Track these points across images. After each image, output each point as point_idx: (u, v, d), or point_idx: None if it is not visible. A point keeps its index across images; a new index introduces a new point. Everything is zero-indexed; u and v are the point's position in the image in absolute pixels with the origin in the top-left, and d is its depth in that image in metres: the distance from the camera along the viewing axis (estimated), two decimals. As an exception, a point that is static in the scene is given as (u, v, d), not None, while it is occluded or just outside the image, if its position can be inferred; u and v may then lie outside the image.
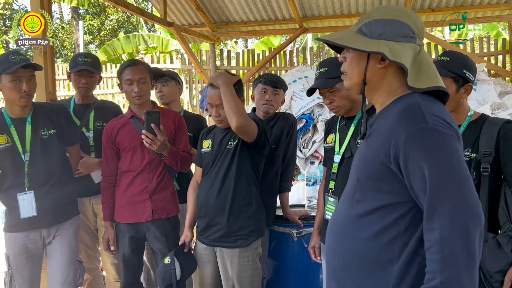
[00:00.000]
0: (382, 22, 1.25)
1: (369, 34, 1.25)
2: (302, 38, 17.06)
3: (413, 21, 1.26)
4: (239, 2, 6.50)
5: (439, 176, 1.09)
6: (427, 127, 1.11)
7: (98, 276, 3.11)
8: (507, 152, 1.80)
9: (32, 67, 2.41)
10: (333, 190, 2.14)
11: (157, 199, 2.57)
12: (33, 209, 2.42)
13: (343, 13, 6.61)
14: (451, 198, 1.08)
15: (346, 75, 1.32)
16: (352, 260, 1.27)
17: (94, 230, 2.98)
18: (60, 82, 8.76)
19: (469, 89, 1.91)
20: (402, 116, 1.15)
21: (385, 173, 1.19)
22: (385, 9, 1.29)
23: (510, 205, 1.80)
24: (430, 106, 1.16)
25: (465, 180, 1.10)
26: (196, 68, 7.28)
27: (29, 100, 2.44)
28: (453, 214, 1.06)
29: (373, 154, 1.21)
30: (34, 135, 2.47)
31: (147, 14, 5.91)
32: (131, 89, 2.52)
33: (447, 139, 1.11)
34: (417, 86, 1.21)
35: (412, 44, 1.24)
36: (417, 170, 1.11)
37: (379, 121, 1.26)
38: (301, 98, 5.55)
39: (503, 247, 1.78)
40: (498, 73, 6.60)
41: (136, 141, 2.55)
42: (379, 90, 1.28)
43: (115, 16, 18.59)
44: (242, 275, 2.32)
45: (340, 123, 2.26)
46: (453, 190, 1.08)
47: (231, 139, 2.37)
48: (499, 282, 1.79)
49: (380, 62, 1.24)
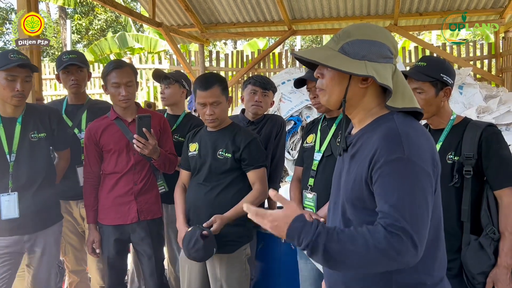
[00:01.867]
0: (365, 43, 1.27)
1: (353, 55, 1.27)
2: (292, 40, 17.14)
3: (391, 42, 1.30)
4: (228, 3, 6.51)
5: (401, 200, 1.14)
6: (403, 157, 1.15)
7: (85, 278, 3.08)
8: (489, 155, 1.83)
9: (29, 68, 2.37)
10: (312, 187, 2.19)
11: (142, 201, 2.55)
12: (16, 211, 2.36)
13: (332, 16, 6.66)
14: (402, 218, 1.12)
15: (325, 91, 1.33)
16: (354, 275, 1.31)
17: (82, 233, 2.95)
18: (47, 82, 8.67)
19: (448, 92, 1.94)
20: (383, 142, 1.19)
21: (368, 193, 1.23)
22: (365, 29, 1.31)
23: (492, 207, 1.83)
24: (409, 133, 1.20)
25: (420, 212, 1.14)
26: (184, 69, 7.26)
27: (21, 101, 2.39)
28: (390, 234, 1.11)
29: (358, 177, 1.25)
30: (23, 137, 2.42)
31: (135, 14, 5.88)
32: (118, 92, 2.48)
33: (417, 171, 1.16)
34: (394, 105, 1.26)
35: (390, 64, 1.29)
36: (381, 193, 1.17)
37: (362, 142, 1.29)
38: (290, 100, 5.57)
39: (485, 248, 1.81)
40: (484, 77, 6.71)
41: (121, 143, 2.53)
42: (357, 107, 1.32)
43: (103, 15, 18.46)
44: (230, 276, 2.33)
45: (322, 124, 2.32)
46: (409, 215, 1.12)
47: (224, 150, 2.34)
48: (481, 284, 1.82)
49: (363, 83, 1.28)
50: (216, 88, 2.29)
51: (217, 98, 2.29)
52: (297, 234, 1.16)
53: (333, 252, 1.13)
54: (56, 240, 2.58)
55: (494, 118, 4.68)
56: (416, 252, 1.11)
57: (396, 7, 6.14)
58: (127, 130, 2.53)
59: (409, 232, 1.10)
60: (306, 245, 1.15)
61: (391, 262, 1.11)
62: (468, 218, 1.85)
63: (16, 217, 2.36)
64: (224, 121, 2.40)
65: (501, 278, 1.78)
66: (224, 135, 2.37)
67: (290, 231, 1.17)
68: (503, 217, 1.80)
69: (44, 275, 2.52)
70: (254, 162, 2.34)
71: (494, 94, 5.33)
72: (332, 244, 1.13)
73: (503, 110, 4.73)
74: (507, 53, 6.52)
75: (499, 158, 1.83)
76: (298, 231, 1.16)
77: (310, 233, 1.14)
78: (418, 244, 1.11)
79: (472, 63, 6.75)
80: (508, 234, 1.79)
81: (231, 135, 2.36)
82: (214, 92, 2.28)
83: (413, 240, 1.10)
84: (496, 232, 1.81)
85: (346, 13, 6.59)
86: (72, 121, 2.87)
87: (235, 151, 2.32)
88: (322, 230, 1.15)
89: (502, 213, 1.81)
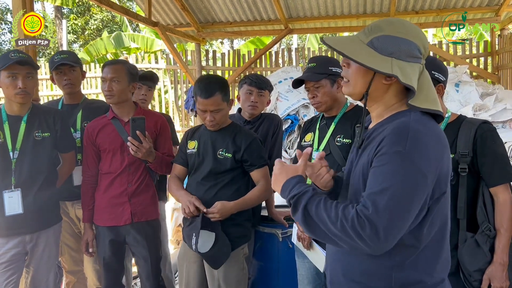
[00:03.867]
0: (394, 39, 1.25)
1: (380, 50, 1.25)
2: (289, 39, 17.14)
3: (422, 41, 1.28)
4: (225, 3, 6.49)
5: (383, 191, 1.13)
6: (402, 152, 1.15)
7: (82, 279, 3.07)
8: (484, 152, 1.83)
9: (28, 64, 2.39)
10: None
11: (137, 202, 2.54)
12: (20, 207, 2.39)
13: (328, 14, 6.66)
14: (374, 207, 1.12)
15: (349, 82, 1.33)
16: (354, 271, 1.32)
17: (78, 233, 2.95)
18: (43, 82, 8.63)
19: (441, 89, 1.95)
20: (390, 134, 1.20)
21: None
22: (398, 25, 1.28)
23: (488, 204, 1.84)
24: (418, 129, 1.19)
25: (399, 208, 1.13)
26: (181, 68, 7.25)
27: (26, 98, 2.41)
28: (370, 220, 1.11)
29: (364, 169, 1.25)
30: (27, 135, 2.45)
31: (131, 13, 5.86)
32: (103, 88, 2.50)
33: (411, 169, 1.14)
34: (416, 104, 1.25)
35: (418, 64, 1.27)
36: (370, 179, 1.19)
37: (375, 134, 1.28)
38: (287, 99, 5.57)
39: (481, 246, 1.81)
40: (480, 75, 6.72)
41: (116, 142, 2.53)
42: (378, 102, 1.32)
43: (99, 15, 18.40)
44: (228, 275, 2.33)
45: (321, 123, 2.32)
46: (383, 207, 1.11)
47: (224, 150, 2.34)
48: (478, 281, 1.83)
49: (387, 79, 1.26)
50: (218, 95, 2.26)
51: (218, 106, 2.28)
52: (290, 187, 1.25)
53: (309, 214, 1.19)
54: (56, 240, 2.60)
55: (491, 115, 4.68)
56: (378, 244, 1.11)
57: (392, 5, 6.14)
58: (123, 130, 2.53)
59: (375, 223, 1.10)
60: (291, 197, 1.23)
61: (352, 243, 1.14)
62: (464, 215, 1.85)
63: (20, 212, 2.39)
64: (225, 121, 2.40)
65: (497, 275, 1.79)
66: (225, 135, 2.37)
67: (287, 182, 1.27)
68: (499, 214, 1.81)
69: (43, 275, 2.53)
70: (256, 162, 2.35)
71: (490, 92, 5.34)
72: (311, 206, 1.19)
73: (499, 108, 4.74)
74: (503, 50, 6.54)
75: (494, 155, 1.84)
76: (293, 184, 1.25)
77: (299, 190, 1.22)
78: (383, 238, 1.10)
79: (468, 61, 6.77)
80: (503, 231, 1.80)
81: (231, 135, 2.36)
82: (215, 100, 2.26)
83: (377, 232, 1.09)
84: (492, 229, 1.82)
85: (342, 12, 6.58)
86: (67, 120, 2.87)
87: (236, 151, 2.32)
88: (309, 191, 1.22)
89: (498, 210, 1.82)
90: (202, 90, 2.27)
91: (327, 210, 1.16)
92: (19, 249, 2.44)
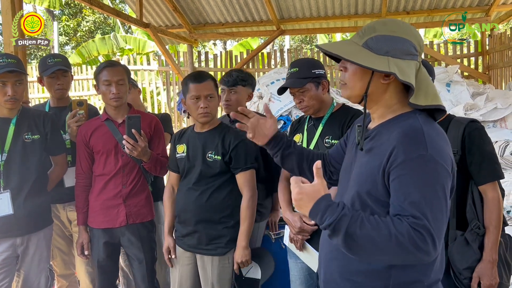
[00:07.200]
0: (389, 38, 1.26)
1: (376, 50, 1.26)
2: (281, 40, 17.16)
3: (416, 38, 1.29)
4: (216, 4, 6.50)
5: (423, 198, 1.14)
6: (425, 155, 1.16)
7: (74, 282, 3.05)
8: (472, 150, 1.84)
9: (18, 72, 2.37)
10: None
11: (131, 204, 2.53)
12: (10, 208, 2.37)
13: (320, 15, 6.68)
14: (424, 216, 1.13)
15: (347, 85, 1.33)
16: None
17: (69, 236, 2.93)
18: (34, 84, 8.57)
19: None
20: (405, 139, 1.20)
21: (382, 189, 1.23)
22: (391, 24, 1.30)
23: (477, 202, 1.85)
24: (431, 133, 1.21)
25: (440, 211, 1.15)
26: (173, 70, 7.24)
27: (15, 104, 2.41)
28: (411, 229, 1.12)
29: (373, 171, 1.25)
30: (16, 137, 2.44)
31: (122, 15, 5.85)
32: (109, 91, 2.46)
33: (439, 169, 1.17)
34: (417, 103, 1.25)
35: (415, 61, 1.28)
36: (401, 189, 1.17)
37: (381, 136, 1.29)
38: (279, 99, 5.57)
39: (471, 244, 1.82)
40: (471, 75, 6.77)
41: (110, 144, 2.51)
42: (378, 103, 1.32)
43: (91, 17, 18.32)
44: (222, 277, 2.32)
45: (309, 124, 2.31)
46: (430, 213, 1.13)
47: (213, 152, 2.31)
48: (468, 279, 1.84)
49: (385, 78, 1.27)
50: (210, 82, 2.30)
51: (211, 91, 2.28)
52: (321, 212, 1.17)
53: (352, 238, 1.13)
54: (47, 243, 2.58)
55: (482, 115, 4.71)
56: (434, 250, 1.12)
57: (383, 6, 6.18)
58: (117, 132, 2.51)
59: (431, 230, 1.11)
60: (328, 224, 1.15)
61: (408, 256, 1.12)
62: (453, 213, 1.86)
63: (11, 213, 2.37)
64: (214, 120, 2.38)
65: (487, 273, 1.80)
66: (214, 136, 2.34)
67: (315, 207, 1.18)
68: (488, 212, 1.82)
69: (34, 279, 2.51)
70: (241, 164, 2.30)
71: (481, 91, 5.37)
72: (354, 229, 1.13)
73: (490, 107, 4.77)
74: (494, 50, 6.59)
75: (483, 153, 1.84)
76: (323, 209, 1.17)
77: (335, 213, 1.15)
78: (437, 242, 1.12)
79: (459, 61, 6.82)
80: (492, 229, 1.81)
81: (220, 136, 2.33)
82: (208, 85, 2.28)
83: (433, 239, 1.11)
84: (481, 227, 1.83)
85: (334, 13, 6.61)
86: (57, 123, 2.84)
87: (224, 153, 2.29)
88: (347, 212, 1.15)
89: (487, 208, 1.83)
90: (194, 76, 2.31)
91: (375, 229, 1.13)
92: (9, 252, 2.42)
